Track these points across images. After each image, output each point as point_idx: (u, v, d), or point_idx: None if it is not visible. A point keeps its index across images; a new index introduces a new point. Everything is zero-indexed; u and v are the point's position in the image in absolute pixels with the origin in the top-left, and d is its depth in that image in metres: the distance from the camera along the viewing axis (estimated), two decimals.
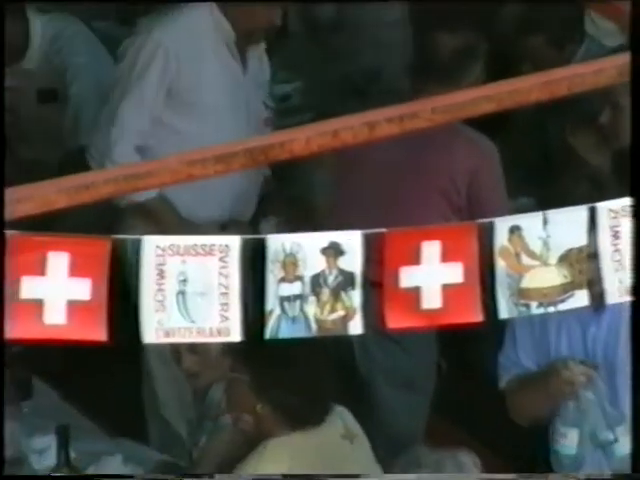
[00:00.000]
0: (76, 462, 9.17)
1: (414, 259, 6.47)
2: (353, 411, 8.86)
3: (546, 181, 10.70)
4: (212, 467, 9.17)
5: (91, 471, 9.40)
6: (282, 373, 8.52)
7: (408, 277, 6.46)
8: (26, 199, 6.32)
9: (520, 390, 9.31)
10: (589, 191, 9.54)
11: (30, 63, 11.06)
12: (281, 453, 8.46)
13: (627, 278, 6.86)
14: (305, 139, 6.77)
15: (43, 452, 9.25)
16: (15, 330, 6.23)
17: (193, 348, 8.53)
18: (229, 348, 8.23)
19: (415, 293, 6.48)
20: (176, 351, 8.48)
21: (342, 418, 8.70)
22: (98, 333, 6.22)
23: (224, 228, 11.87)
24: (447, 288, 6.54)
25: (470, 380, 10.52)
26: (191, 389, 9.36)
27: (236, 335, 6.26)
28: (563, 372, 9.31)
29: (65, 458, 8.77)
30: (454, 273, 6.53)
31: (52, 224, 6.66)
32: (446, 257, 6.53)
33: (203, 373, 8.71)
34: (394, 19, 12.81)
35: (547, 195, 10.17)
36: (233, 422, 8.67)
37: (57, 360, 8.95)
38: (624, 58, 7.46)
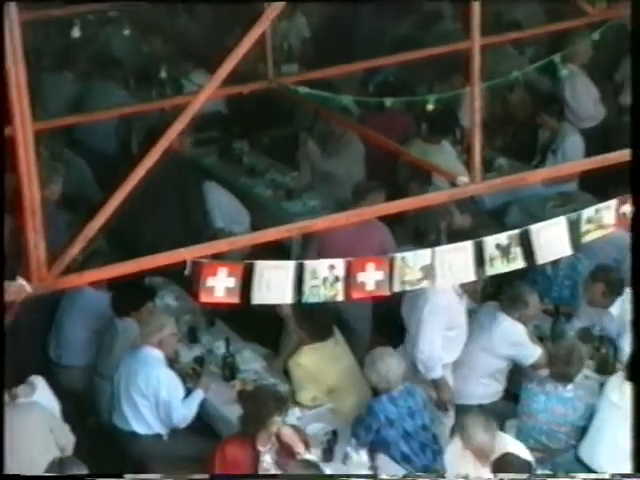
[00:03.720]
0: (232, 351, 8.75)
1: (363, 270, 6.35)
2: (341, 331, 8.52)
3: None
4: (284, 356, 8.62)
5: (238, 358, 8.73)
6: (310, 317, 8.13)
7: (360, 277, 6.34)
8: (206, 249, 6.21)
9: None
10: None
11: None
12: (309, 351, 8.18)
13: (451, 275, 6.60)
14: (319, 223, 6.72)
15: (218, 348, 8.81)
16: (205, 298, 6.11)
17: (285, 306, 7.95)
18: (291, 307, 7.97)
19: (363, 285, 6.35)
20: (279, 307, 7.98)
21: (335, 335, 8.38)
22: (237, 300, 6.12)
23: None
24: (377, 281, 6.40)
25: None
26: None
27: (289, 300, 6.19)
28: None
29: (228, 350, 8.64)
30: (379, 275, 6.39)
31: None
32: (377, 269, 6.40)
33: (288, 316, 8.42)
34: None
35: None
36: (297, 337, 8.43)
37: (223, 311, 8.57)
38: (453, 192, 7.36)
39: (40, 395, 7.86)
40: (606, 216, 6.72)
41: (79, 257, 6.24)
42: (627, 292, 8.29)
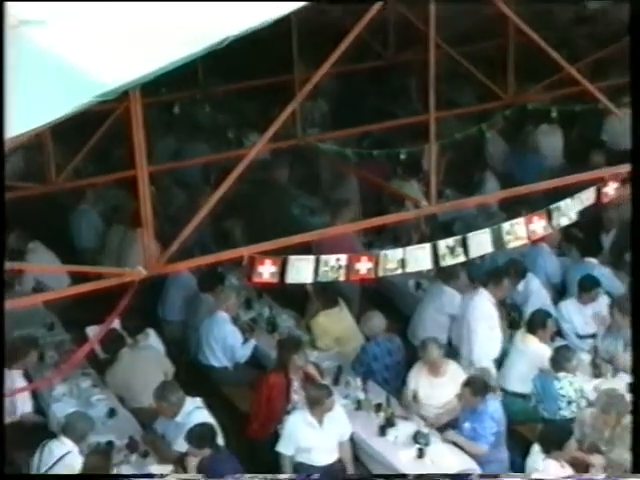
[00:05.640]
0: (274, 314, 8.61)
1: (358, 261, 6.23)
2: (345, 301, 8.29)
3: None
4: (307, 318, 8.36)
5: (278, 319, 8.46)
6: (323, 290, 7.89)
7: (356, 266, 6.21)
8: (257, 248, 6.09)
9: None
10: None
11: None
12: (323, 315, 8.03)
13: (417, 266, 6.43)
14: (330, 232, 6.60)
15: (265, 312, 8.66)
16: (256, 279, 5.98)
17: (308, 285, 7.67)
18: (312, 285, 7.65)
19: (358, 270, 6.21)
20: (304, 285, 7.61)
21: (340, 304, 8.15)
22: (277, 280, 6.01)
23: None
24: (367, 269, 6.28)
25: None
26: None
27: (310, 280, 6.10)
28: None
29: (271, 314, 8.58)
30: (369, 265, 6.27)
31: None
32: (368, 261, 6.28)
33: (309, 291, 8.18)
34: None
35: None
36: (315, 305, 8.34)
37: (268, 288, 8.23)
38: (417, 212, 7.21)
39: (152, 340, 7.91)
40: (519, 230, 6.65)
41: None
42: (528, 275, 8.25)
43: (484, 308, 7.59)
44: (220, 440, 6.58)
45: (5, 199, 4.70)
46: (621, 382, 7.18)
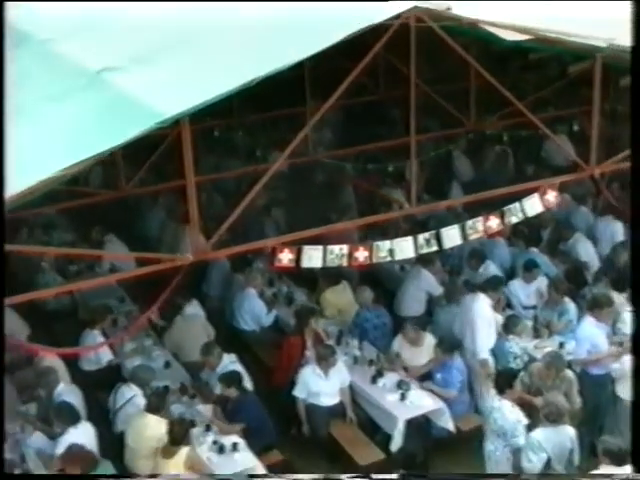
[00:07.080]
0: (291, 291, 8.34)
1: (357, 250, 6.13)
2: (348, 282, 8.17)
3: None
4: (317, 293, 8.07)
5: (294, 294, 8.25)
6: (329, 272, 7.57)
7: (356, 254, 6.09)
8: (279, 239, 5.99)
9: None
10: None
11: None
12: (329, 291, 7.93)
13: (401, 254, 6.27)
14: (337, 227, 6.46)
15: (284, 289, 8.45)
16: (277, 264, 5.87)
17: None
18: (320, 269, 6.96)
19: (357, 258, 6.09)
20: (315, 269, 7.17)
21: (343, 283, 7.99)
22: (294, 265, 5.90)
23: None
24: (364, 257, 6.15)
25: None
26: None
27: (319, 265, 5.97)
28: None
29: (289, 290, 8.35)
30: (365, 254, 6.15)
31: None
32: (364, 250, 6.17)
33: (319, 273, 7.99)
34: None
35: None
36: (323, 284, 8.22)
37: (286, 271, 7.84)
38: (401, 212, 7.11)
39: (196, 309, 7.86)
40: (478, 226, 6.60)
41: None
42: (487, 261, 8.18)
43: (484, 310, 7.12)
44: (249, 385, 6.59)
45: (83, 202, 4.70)
46: (555, 342, 7.20)
